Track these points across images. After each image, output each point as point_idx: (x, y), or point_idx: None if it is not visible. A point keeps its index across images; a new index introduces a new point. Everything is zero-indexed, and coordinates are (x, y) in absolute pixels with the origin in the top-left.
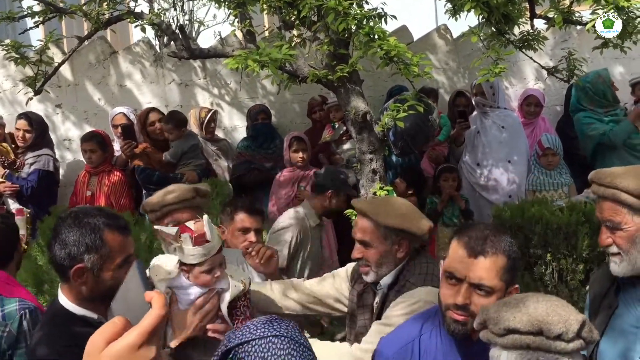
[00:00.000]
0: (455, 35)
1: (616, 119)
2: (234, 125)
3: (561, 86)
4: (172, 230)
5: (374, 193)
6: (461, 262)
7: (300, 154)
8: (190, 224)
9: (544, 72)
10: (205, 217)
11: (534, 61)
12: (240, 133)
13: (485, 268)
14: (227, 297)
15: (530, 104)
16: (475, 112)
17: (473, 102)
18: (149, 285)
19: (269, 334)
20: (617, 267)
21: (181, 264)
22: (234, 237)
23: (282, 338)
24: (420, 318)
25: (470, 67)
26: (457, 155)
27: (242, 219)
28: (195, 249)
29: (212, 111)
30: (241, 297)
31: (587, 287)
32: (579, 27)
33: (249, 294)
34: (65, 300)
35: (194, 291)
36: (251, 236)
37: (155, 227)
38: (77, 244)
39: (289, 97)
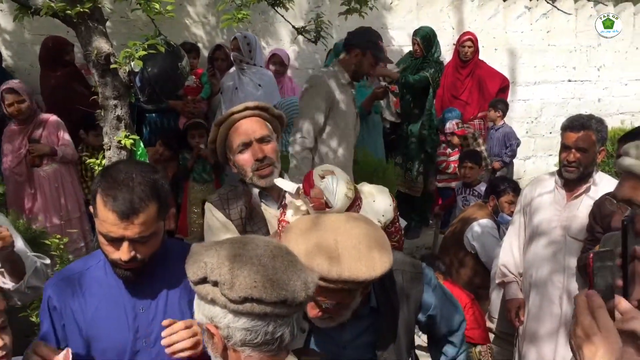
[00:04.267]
0: None
1: (363, 83)
2: None
3: (314, 49)
4: (292, 187)
5: (119, 142)
6: (115, 225)
7: (15, 106)
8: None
9: (300, 36)
10: (325, 182)
11: (286, 20)
12: None
13: (141, 223)
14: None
15: (276, 63)
16: (233, 68)
17: (231, 58)
18: None
19: None
20: (327, 324)
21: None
22: None
23: None
24: (92, 255)
25: (216, 10)
26: (213, 110)
27: None
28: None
29: None
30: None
31: None
32: None
33: None
34: None
35: None
36: None
37: (276, 180)
38: None
39: (28, 38)
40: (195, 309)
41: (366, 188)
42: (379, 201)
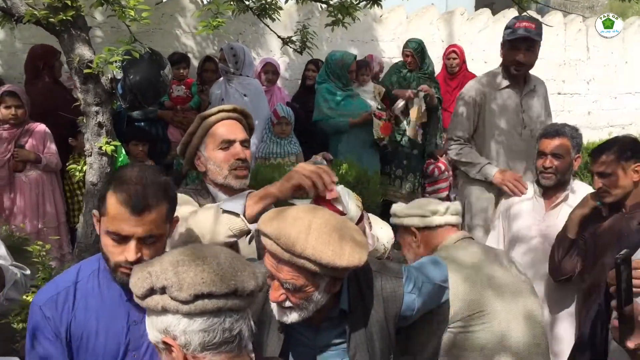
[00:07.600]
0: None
1: (350, 93)
2: None
3: (303, 60)
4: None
5: (100, 148)
6: (126, 221)
7: (13, 110)
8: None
9: (287, 46)
10: (340, 188)
11: (272, 30)
12: None
13: (152, 221)
14: None
15: (268, 72)
16: (221, 79)
17: (219, 68)
18: None
19: None
20: (288, 317)
21: None
22: None
23: None
24: (82, 266)
25: (192, 16)
26: None
27: None
28: None
29: None
30: None
31: None
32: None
33: None
34: None
35: None
36: None
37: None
38: None
39: (19, 47)
40: (149, 329)
41: (372, 218)
42: (385, 230)
